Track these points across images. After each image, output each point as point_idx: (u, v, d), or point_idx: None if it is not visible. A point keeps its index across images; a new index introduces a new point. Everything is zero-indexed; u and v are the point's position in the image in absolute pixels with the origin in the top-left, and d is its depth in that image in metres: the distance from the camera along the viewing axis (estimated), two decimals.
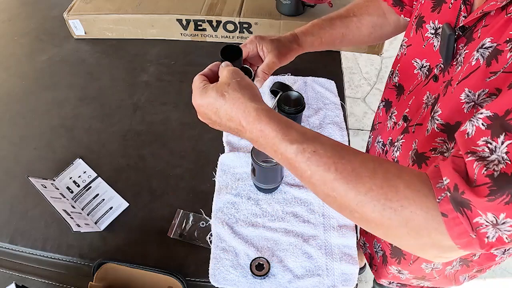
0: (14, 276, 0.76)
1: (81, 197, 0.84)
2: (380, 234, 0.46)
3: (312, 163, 0.44)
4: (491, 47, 0.44)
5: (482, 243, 0.40)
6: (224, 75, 0.55)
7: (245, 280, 0.71)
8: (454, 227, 0.40)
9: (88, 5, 1.18)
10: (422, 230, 0.41)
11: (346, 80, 2.32)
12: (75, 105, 1.03)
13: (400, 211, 0.41)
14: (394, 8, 0.76)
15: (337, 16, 0.79)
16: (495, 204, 0.37)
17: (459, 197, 0.39)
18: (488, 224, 0.38)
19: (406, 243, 0.45)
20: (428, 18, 0.61)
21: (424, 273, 0.78)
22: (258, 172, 0.76)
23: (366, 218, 0.44)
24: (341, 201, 0.44)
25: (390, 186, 0.42)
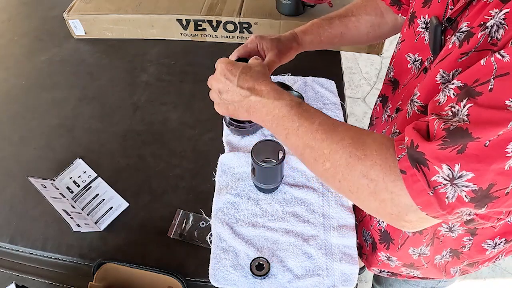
0: (14, 276, 0.76)
1: (81, 197, 0.84)
2: (345, 188, 0.48)
3: (302, 117, 0.52)
4: (467, 31, 0.46)
5: (443, 204, 0.41)
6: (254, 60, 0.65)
7: (245, 280, 0.71)
8: (413, 185, 0.42)
9: (88, 5, 1.18)
10: (380, 182, 0.44)
11: (346, 80, 2.32)
12: (75, 105, 1.03)
13: (363, 160, 0.45)
14: (391, 8, 0.77)
15: (336, 16, 0.81)
16: (447, 152, 0.39)
17: (414, 152, 0.41)
18: (446, 183, 0.40)
19: (367, 198, 0.46)
20: (419, 13, 0.62)
21: (412, 260, 0.77)
22: (258, 172, 0.76)
23: (335, 167, 0.47)
24: (317, 151, 0.49)
25: (360, 139, 0.47)
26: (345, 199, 0.81)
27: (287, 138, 0.53)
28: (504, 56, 0.38)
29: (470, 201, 0.40)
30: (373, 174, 0.45)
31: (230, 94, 0.60)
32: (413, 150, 0.42)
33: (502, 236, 0.66)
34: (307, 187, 0.83)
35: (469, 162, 0.38)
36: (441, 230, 0.68)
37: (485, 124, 0.38)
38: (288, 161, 0.86)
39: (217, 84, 0.62)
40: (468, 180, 0.39)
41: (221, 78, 0.61)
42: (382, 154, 0.45)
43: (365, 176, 0.45)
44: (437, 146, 0.40)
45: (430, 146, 0.40)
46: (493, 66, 0.38)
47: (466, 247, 0.70)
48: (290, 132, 0.53)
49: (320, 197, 0.81)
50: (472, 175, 0.39)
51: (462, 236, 0.68)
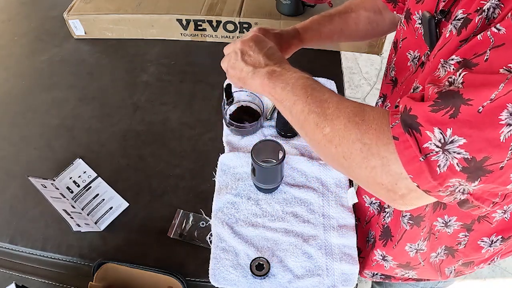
0: (14, 276, 0.76)
1: (81, 197, 0.84)
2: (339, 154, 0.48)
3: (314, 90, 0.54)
4: (463, 18, 0.46)
5: (434, 173, 0.40)
6: None
7: (245, 280, 0.71)
8: (404, 151, 0.42)
9: (88, 5, 1.18)
10: (373, 146, 0.44)
11: (346, 80, 2.32)
12: (75, 105, 1.03)
13: (360, 124, 0.46)
14: (387, 5, 0.77)
15: (336, 12, 0.82)
16: (440, 116, 0.39)
17: (407, 116, 0.42)
18: (438, 150, 0.39)
19: (359, 165, 0.46)
20: (413, 10, 0.63)
21: (408, 258, 0.77)
22: (258, 172, 0.76)
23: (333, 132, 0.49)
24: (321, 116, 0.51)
25: (360, 107, 0.49)
26: (345, 199, 0.81)
27: (294, 104, 0.54)
28: (500, 30, 0.38)
29: (462, 171, 0.39)
30: (367, 138, 0.45)
31: (252, 58, 0.62)
32: (406, 115, 0.42)
33: (499, 233, 0.66)
34: (307, 187, 0.83)
35: (462, 127, 0.38)
36: (437, 225, 0.68)
37: (476, 86, 0.38)
38: (288, 161, 0.86)
39: (243, 46, 0.63)
40: (460, 146, 0.38)
41: (250, 42, 0.63)
42: (378, 120, 0.46)
43: (359, 140, 0.46)
44: (428, 107, 0.40)
45: (422, 108, 0.40)
46: (490, 40, 0.38)
47: (461, 244, 0.69)
48: (299, 99, 0.54)
49: (320, 197, 0.81)
50: (464, 140, 0.38)
51: (458, 232, 0.67)
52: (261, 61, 0.61)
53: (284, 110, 0.57)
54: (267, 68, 0.60)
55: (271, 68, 0.59)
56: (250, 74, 0.61)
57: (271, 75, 0.58)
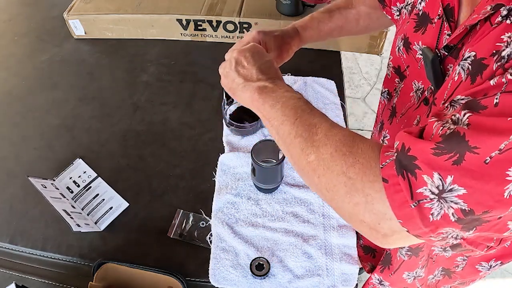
0: (14, 276, 0.76)
1: (81, 197, 0.84)
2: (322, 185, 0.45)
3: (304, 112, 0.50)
4: (469, 57, 0.43)
5: (426, 220, 0.38)
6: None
7: (245, 280, 0.71)
8: (394, 195, 0.39)
9: (88, 5, 1.18)
10: (358, 181, 0.41)
11: (346, 80, 2.32)
12: (75, 105, 1.03)
13: (347, 156, 0.43)
14: (378, 4, 0.75)
15: (336, 8, 0.79)
16: (442, 161, 0.36)
17: (404, 157, 0.38)
18: (433, 197, 0.36)
19: (341, 199, 0.43)
20: (412, 40, 0.59)
21: (405, 284, 0.76)
22: (258, 172, 0.76)
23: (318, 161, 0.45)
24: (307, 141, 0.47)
25: (350, 137, 0.45)
26: None
27: (282, 124, 0.51)
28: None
29: (457, 222, 0.37)
30: (353, 172, 0.42)
31: (246, 70, 0.59)
32: (403, 155, 0.38)
33: (499, 258, 0.64)
34: (307, 187, 0.83)
35: (464, 176, 0.35)
36: (435, 250, 0.67)
37: (484, 132, 0.34)
38: (288, 161, 0.86)
39: (239, 56, 0.61)
40: (458, 196, 0.35)
41: (247, 53, 0.60)
42: (367, 154, 0.43)
43: (344, 174, 0.43)
44: (431, 150, 0.36)
45: (423, 149, 0.37)
46: (503, 83, 0.35)
47: (459, 267, 0.68)
48: (287, 120, 0.51)
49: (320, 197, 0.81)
50: (464, 191, 0.35)
51: (456, 256, 0.66)
52: (254, 75, 0.58)
53: (271, 129, 0.54)
54: (258, 82, 0.57)
55: (263, 83, 0.56)
56: (241, 86, 0.58)
57: (262, 90, 0.55)
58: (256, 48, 0.62)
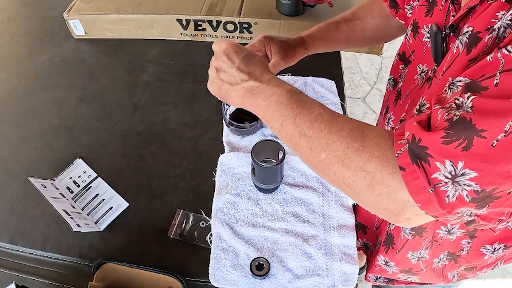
0: (14, 276, 0.76)
1: (81, 197, 0.84)
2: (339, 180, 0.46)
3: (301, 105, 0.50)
4: (467, 32, 0.45)
5: (443, 202, 0.40)
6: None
7: (245, 280, 0.71)
8: (412, 182, 0.40)
9: (88, 5, 1.18)
10: (378, 175, 0.43)
11: (346, 80, 2.32)
12: (75, 105, 1.03)
13: (361, 151, 0.44)
14: (390, 10, 0.77)
15: (342, 19, 0.81)
16: (452, 148, 0.38)
17: (416, 147, 0.40)
18: (447, 181, 0.39)
19: (363, 192, 0.44)
20: (422, 23, 0.62)
21: (410, 265, 0.77)
22: (258, 172, 0.76)
23: (330, 159, 0.46)
24: (314, 140, 0.47)
25: (358, 130, 0.46)
26: (345, 199, 0.81)
27: (282, 125, 0.50)
28: (511, 51, 0.37)
29: (471, 201, 0.39)
30: (370, 166, 0.43)
31: (227, 75, 0.58)
32: (414, 145, 0.40)
33: (502, 241, 0.66)
34: (307, 187, 0.83)
35: (474, 161, 0.37)
36: (440, 233, 0.68)
37: (489, 114, 0.36)
38: (288, 161, 0.86)
39: (217, 62, 0.60)
40: (470, 179, 0.38)
41: (223, 56, 0.59)
42: (381, 146, 0.44)
43: (362, 169, 0.43)
44: (440, 139, 0.38)
45: (433, 139, 0.39)
46: (499, 61, 0.37)
47: (464, 250, 0.69)
48: (287, 119, 0.50)
49: (320, 197, 0.81)
50: (475, 174, 0.38)
51: (460, 239, 0.67)
52: (236, 77, 0.56)
53: (273, 130, 0.53)
54: (243, 84, 0.55)
55: (248, 84, 0.54)
56: (229, 92, 0.57)
57: (250, 92, 0.54)
58: (230, 48, 0.59)
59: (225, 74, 0.58)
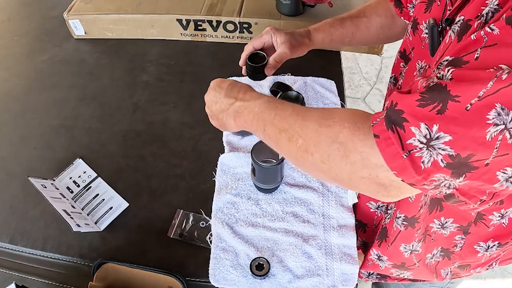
0: (14, 276, 0.76)
1: (81, 197, 0.84)
2: (318, 160, 0.48)
3: (277, 108, 0.56)
4: (460, 21, 0.46)
5: (418, 168, 0.40)
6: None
7: (245, 280, 0.71)
8: (386, 148, 0.42)
9: (88, 5, 1.18)
10: (349, 143, 0.45)
11: (346, 80, 2.32)
12: (75, 105, 1.03)
13: (332, 126, 0.47)
14: (395, 9, 0.78)
15: (348, 16, 0.84)
16: (427, 111, 0.39)
17: (393, 112, 0.41)
18: (422, 146, 0.39)
19: (339, 164, 0.46)
20: (421, 19, 0.63)
21: (403, 258, 0.77)
22: (258, 172, 0.76)
23: (306, 141, 0.49)
24: (290, 131, 0.52)
25: (329, 111, 0.50)
26: (345, 199, 0.81)
27: (265, 130, 0.56)
28: (494, 29, 0.37)
29: (447, 167, 0.39)
30: (342, 137, 0.46)
31: (218, 104, 0.65)
32: (392, 110, 0.42)
33: (496, 239, 0.66)
34: (307, 187, 0.83)
35: (448, 124, 0.38)
36: (433, 227, 0.68)
37: (464, 82, 0.38)
38: (288, 161, 0.86)
39: (208, 97, 0.68)
40: (445, 142, 0.38)
41: (211, 91, 0.67)
42: (351, 119, 0.46)
43: (334, 141, 0.46)
44: (415, 101, 0.40)
45: (409, 102, 0.40)
46: (483, 39, 0.38)
47: (457, 246, 0.69)
48: (267, 123, 0.56)
49: (320, 197, 0.81)
50: (450, 137, 0.38)
51: (454, 234, 0.67)
52: (224, 104, 0.64)
53: (263, 138, 0.59)
54: (231, 108, 0.63)
55: (234, 106, 0.62)
56: (224, 119, 0.65)
57: (237, 112, 0.62)
58: (215, 83, 0.68)
59: (217, 104, 0.66)
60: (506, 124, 0.36)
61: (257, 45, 0.83)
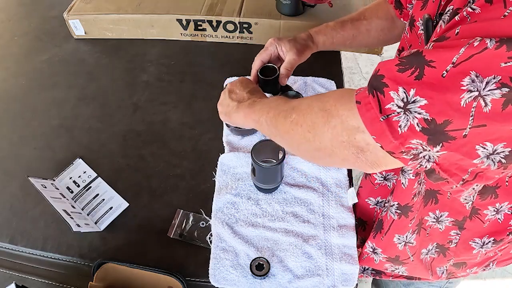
0: (14, 276, 0.76)
1: (81, 197, 0.84)
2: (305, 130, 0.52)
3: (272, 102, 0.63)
4: (449, 10, 0.46)
5: (395, 133, 0.42)
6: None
7: (245, 280, 0.71)
8: (366, 113, 0.43)
9: (88, 5, 1.18)
10: (333, 109, 0.48)
11: (346, 80, 2.32)
12: (75, 105, 1.03)
13: (321, 98, 0.52)
14: (395, 11, 0.79)
15: (349, 19, 0.86)
16: (406, 76, 0.40)
17: (374, 78, 0.43)
18: (400, 110, 0.41)
19: (321, 130, 0.49)
20: (417, 16, 0.64)
21: (397, 251, 0.77)
22: (258, 172, 0.76)
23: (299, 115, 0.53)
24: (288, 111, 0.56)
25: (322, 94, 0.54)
26: (345, 199, 0.81)
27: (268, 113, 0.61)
28: (475, 9, 0.39)
29: (422, 131, 0.40)
30: (328, 105, 0.49)
31: (238, 96, 0.71)
32: (374, 76, 0.44)
33: (491, 235, 0.66)
34: (307, 187, 0.83)
35: (424, 89, 0.39)
36: (428, 220, 0.68)
37: (439, 49, 0.39)
38: (288, 161, 0.86)
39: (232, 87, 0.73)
40: (421, 106, 0.40)
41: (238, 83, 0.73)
42: (340, 92, 0.52)
43: (321, 109, 0.50)
44: (395, 67, 0.41)
45: (389, 67, 0.42)
46: (466, 19, 0.40)
47: (453, 242, 0.69)
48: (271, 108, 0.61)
49: (320, 197, 0.81)
50: (425, 101, 0.39)
51: (449, 229, 0.68)
52: (245, 96, 0.69)
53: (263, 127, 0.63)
54: (249, 100, 0.68)
55: (253, 99, 0.68)
56: (235, 108, 0.69)
57: (251, 104, 0.66)
58: (245, 78, 0.75)
59: (236, 94, 0.71)
60: (480, 91, 0.37)
61: (265, 59, 0.83)
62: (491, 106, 0.37)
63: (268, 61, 0.83)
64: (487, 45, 0.36)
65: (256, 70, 0.82)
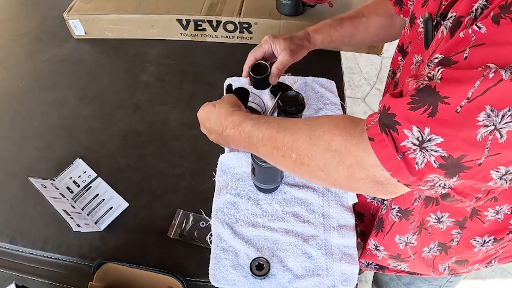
0: (14, 276, 0.76)
1: (81, 197, 0.84)
2: (314, 169, 0.50)
3: (262, 128, 0.56)
4: (452, 17, 0.46)
5: (412, 169, 0.41)
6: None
7: (245, 280, 0.71)
8: (381, 150, 0.43)
9: (88, 5, 1.18)
10: (343, 149, 0.46)
11: (346, 80, 2.32)
12: (75, 105, 1.03)
13: (322, 137, 0.48)
14: (394, 8, 0.78)
15: (347, 16, 0.85)
16: (418, 114, 0.39)
17: (385, 116, 0.42)
18: (415, 148, 0.40)
19: (335, 170, 0.47)
20: (418, 14, 0.64)
21: (398, 250, 0.77)
22: (258, 172, 0.76)
23: (300, 154, 0.50)
24: (282, 147, 0.53)
25: (316, 121, 0.51)
26: (345, 199, 0.81)
27: (258, 151, 0.58)
28: (481, 28, 0.38)
29: (440, 167, 0.40)
30: (335, 144, 0.47)
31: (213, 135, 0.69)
32: (384, 114, 0.42)
33: (492, 234, 0.66)
34: (307, 187, 0.83)
35: (439, 126, 0.39)
36: (430, 221, 0.68)
37: (453, 82, 0.38)
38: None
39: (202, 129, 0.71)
40: (437, 144, 0.39)
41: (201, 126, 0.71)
42: (340, 125, 0.48)
43: (328, 149, 0.47)
44: (406, 105, 0.40)
45: (400, 105, 0.41)
46: (471, 38, 0.39)
47: (454, 241, 0.70)
48: (258, 145, 0.57)
49: (320, 197, 0.81)
50: (441, 139, 0.39)
51: (450, 229, 0.68)
52: (215, 136, 0.67)
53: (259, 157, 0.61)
54: (222, 139, 0.65)
55: (223, 137, 0.64)
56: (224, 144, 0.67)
57: (228, 142, 0.64)
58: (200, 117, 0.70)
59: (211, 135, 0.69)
60: (495, 125, 0.37)
61: (258, 56, 0.82)
62: (507, 137, 0.37)
63: (262, 58, 0.83)
64: (502, 77, 0.35)
65: (249, 66, 0.82)
